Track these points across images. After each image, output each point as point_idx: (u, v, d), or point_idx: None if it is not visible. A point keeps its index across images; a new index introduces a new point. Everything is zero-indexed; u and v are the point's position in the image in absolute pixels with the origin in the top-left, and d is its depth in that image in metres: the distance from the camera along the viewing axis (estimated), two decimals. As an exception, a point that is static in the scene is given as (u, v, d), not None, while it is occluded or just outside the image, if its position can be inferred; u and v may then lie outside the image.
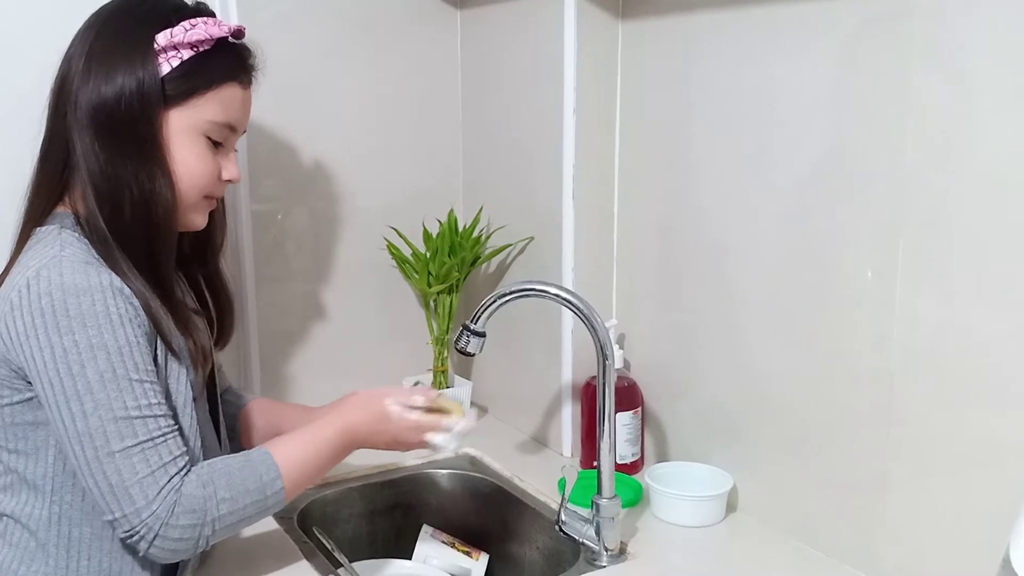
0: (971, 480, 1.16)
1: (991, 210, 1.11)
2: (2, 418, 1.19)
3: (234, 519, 1.18)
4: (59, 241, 1.16)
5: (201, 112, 1.22)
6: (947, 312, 1.16)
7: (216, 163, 1.26)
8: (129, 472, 1.12)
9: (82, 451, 1.12)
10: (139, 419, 1.13)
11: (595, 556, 1.38)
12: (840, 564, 1.33)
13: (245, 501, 1.19)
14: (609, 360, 1.38)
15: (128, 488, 1.12)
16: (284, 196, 1.80)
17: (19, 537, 1.21)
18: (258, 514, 1.21)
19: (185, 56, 1.20)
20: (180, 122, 1.21)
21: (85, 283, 1.12)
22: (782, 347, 1.39)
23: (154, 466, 1.13)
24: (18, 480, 1.20)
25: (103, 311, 1.12)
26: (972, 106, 1.11)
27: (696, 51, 1.47)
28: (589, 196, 1.65)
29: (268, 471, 1.21)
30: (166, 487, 1.13)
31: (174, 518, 1.13)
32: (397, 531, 1.69)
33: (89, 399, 1.11)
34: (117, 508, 1.12)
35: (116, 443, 1.11)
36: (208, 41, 1.21)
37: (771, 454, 1.43)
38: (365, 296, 1.91)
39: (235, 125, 1.27)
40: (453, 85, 1.94)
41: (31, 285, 1.11)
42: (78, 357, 1.10)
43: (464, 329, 1.41)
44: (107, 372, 1.11)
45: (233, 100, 1.25)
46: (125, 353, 1.12)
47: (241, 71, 1.27)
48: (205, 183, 1.25)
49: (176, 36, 1.19)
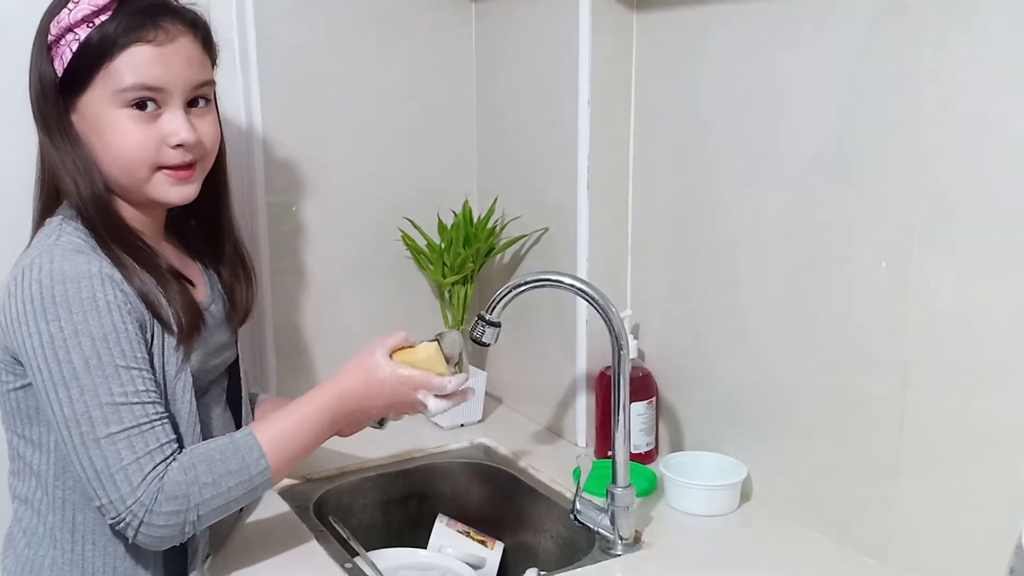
0: (984, 468, 1.16)
1: (1005, 199, 1.10)
2: (9, 403, 1.21)
3: (219, 502, 1.18)
4: (57, 230, 1.19)
5: (107, 86, 1.17)
6: (960, 301, 1.16)
7: (150, 132, 1.19)
8: (114, 458, 1.12)
9: (70, 436, 1.13)
10: (125, 406, 1.13)
11: (610, 545, 1.39)
12: (854, 552, 1.33)
13: (228, 483, 1.18)
14: (624, 350, 1.38)
15: (113, 474, 1.12)
16: (299, 188, 1.81)
17: (29, 522, 1.23)
18: (246, 495, 1.21)
19: (82, 35, 1.16)
20: (96, 102, 1.18)
21: (73, 271, 1.13)
22: (796, 337, 1.39)
23: (139, 453, 1.13)
24: (25, 465, 1.23)
25: (89, 298, 1.12)
26: (985, 95, 1.11)
27: (709, 42, 1.47)
28: (604, 187, 1.65)
29: (251, 451, 1.20)
30: (150, 474, 1.13)
31: (157, 505, 1.13)
32: (412, 521, 1.70)
33: (75, 385, 1.11)
34: (103, 494, 1.13)
35: (101, 429, 1.12)
36: (99, 11, 1.15)
37: (785, 443, 1.43)
38: (380, 287, 1.91)
39: (153, 84, 1.17)
40: (467, 76, 1.94)
41: (25, 273, 1.14)
42: (63, 343, 1.11)
43: (479, 319, 1.41)
44: (92, 358, 1.12)
45: (140, 60, 1.17)
46: (111, 340, 1.13)
47: (140, 28, 1.16)
48: (143, 155, 1.19)
49: (62, 20, 1.17)
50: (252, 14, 1.68)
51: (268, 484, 1.23)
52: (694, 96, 1.51)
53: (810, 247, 1.35)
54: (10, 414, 1.22)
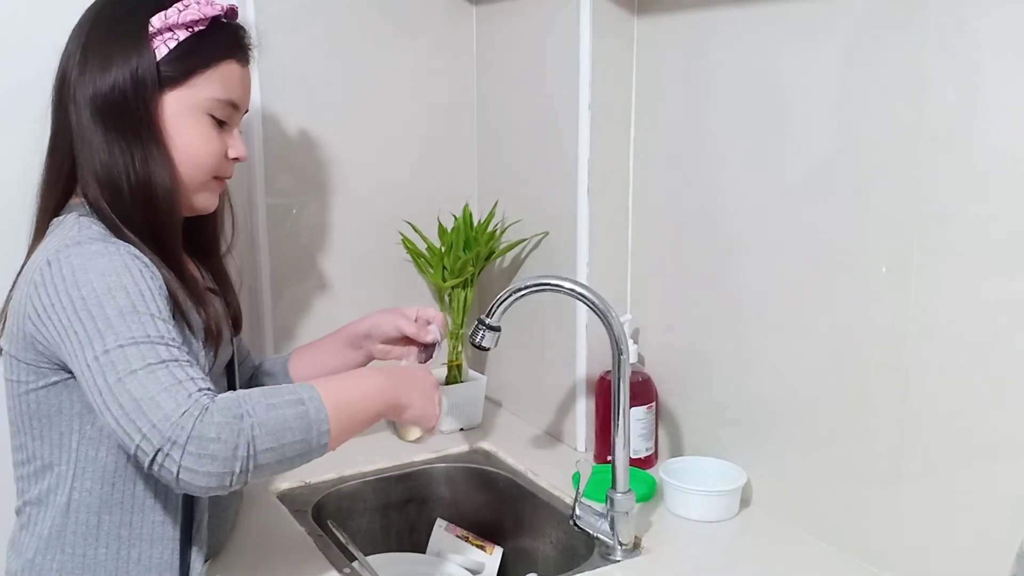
0: (986, 475, 1.16)
1: (1006, 204, 1.10)
2: (28, 404, 1.20)
3: (276, 426, 1.07)
4: (77, 225, 1.18)
5: (202, 91, 1.23)
6: (962, 307, 1.16)
7: (222, 142, 1.27)
8: (154, 383, 1.04)
9: (104, 381, 1.05)
10: (162, 344, 1.08)
11: (609, 551, 1.39)
12: (854, 559, 1.32)
13: (285, 410, 1.08)
14: (624, 355, 1.38)
15: (155, 396, 1.03)
16: (299, 190, 1.81)
17: (40, 526, 1.22)
18: (302, 441, 1.09)
19: (181, 37, 1.21)
20: (181, 103, 1.22)
21: (103, 249, 1.13)
22: (796, 342, 1.38)
23: (181, 378, 1.06)
24: (41, 467, 1.22)
25: (121, 264, 1.12)
26: (986, 99, 1.11)
27: (710, 47, 1.47)
28: (604, 191, 1.65)
29: (303, 387, 1.13)
30: (196, 393, 1.05)
31: (208, 415, 1.03)
32: (411, 525, 1.70)
33: (110, 332, 1.07)
34: (144, 421, 1.02)
35: (138, 362, 1.05)
36: (203, 21, 1.23)
37: (785, 449, 1.43)
38: (380, 290, 1.91)
39: (237, 102, 1.28)
40: (468, 80, 1.94)
41: (51, 262, 1.12)
42: (96, 300, 1.09)
43: (479, 323, 1.41)
44: (127, 307, 1.08)
45: (232, 77, 1.26)
46: (147, 296, 1.11)
47: (238, 48, 1.28)
48: (212, 162, 1.26)
49: (171, 18, 1.21)
50: (253, 17, 1.68)
51: (325, 439, 1.12)
52: (695, 101, 1.51)
53: (811, 252, 1.34)
54: (27, 415, 1.21)
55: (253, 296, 1.78)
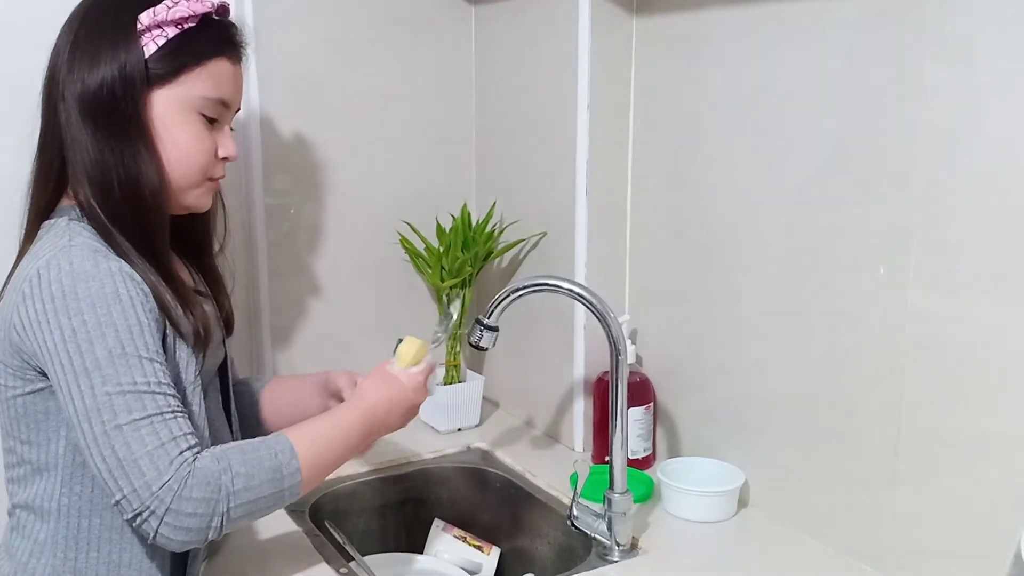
0: (981, 475, 1.16)
1: (1002, 205, 1.10)
2: (15, 408, 1.20)
3: (250, 496, 1.13)
4: (68, 232, 1.17)
5: (192, 89, 1.21)
6: (958, 308, 1.16)
7: (212, 141, 1.25)
8: (138, 444, 1.08)
9: (90, 428, 1.08)
10: (148, 394, 1.10)
11: (606, 551, 1.39)
12: (850, 559, 1.32)
13: (261, 478, 1.14)
14: (621, 355, 1.38)
15: (137, 460, 1.07)
16: (297, 190, 1.81)
17: (31, 529, 1.21)
18: (274, 495, 1.16)
19: (170, 34, 1.19)
20: (172, 100, 1.20)
21: (94, 269, 1.12)
22: (793, 343, 1.38)
23: (164, 439, 1.09)
24: (31, 471, 1.21)
25: (112, 292, 1.11)
26: (982, 100, 1.11)
27: (709, 48, 1.47)
28: (602, 192, 1.65)
29: (284, 451, 1.18)
30: (177, 459, 1.08)
31: (187, 490, 1.08)
32: (408, 526, 1.70)
33: (97, 374, 1.09)
34: (126, 483, 1.07)
35: (124, 416, 1.08)
36: (192, 18, 1.21)
37: (782, 450, 1.43)
38: (378, 290, 1.91)
39: (228, 101, 1.26)
40: (467, 80, 1.94)
41: (42, 274, 1.12)
42: (87, 335, 1.09)
43: (477, 323, 1.41)
44: (115, 348, 1.10)
45: (223, 75, 1.24)
46: (135, 332, 1.11)
47: (229, 46, 1.25)
48: (202, 161, 1.24)
49: (159, 15, 1.19)
50: (251, 17, 1.67)
51: (297, 490, 1.18)
52: (693, 101, 1.51)
53: (808, 253, 1.34)
54: (15, 419, 1.21)
55: (251, 296, 1.78)
